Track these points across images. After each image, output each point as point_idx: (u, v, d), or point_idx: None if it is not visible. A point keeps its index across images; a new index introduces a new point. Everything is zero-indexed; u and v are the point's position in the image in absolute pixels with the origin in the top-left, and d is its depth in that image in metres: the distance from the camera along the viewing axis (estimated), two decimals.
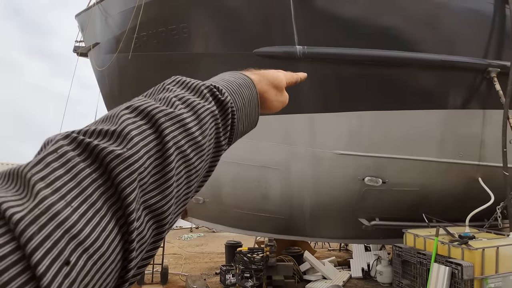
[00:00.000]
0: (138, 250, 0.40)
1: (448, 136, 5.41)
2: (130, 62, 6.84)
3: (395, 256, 4.98)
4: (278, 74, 0.82)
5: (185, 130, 0.48)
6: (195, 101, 0.53)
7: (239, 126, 0.64)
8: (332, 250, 11.71)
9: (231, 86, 0.64)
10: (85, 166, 0.37)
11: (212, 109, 0.55)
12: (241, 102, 0.64)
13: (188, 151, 0.48)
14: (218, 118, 0.56)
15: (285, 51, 5.09)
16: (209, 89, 0.57)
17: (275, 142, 5.57)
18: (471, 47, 5.41)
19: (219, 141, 0.57)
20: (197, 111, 0.52)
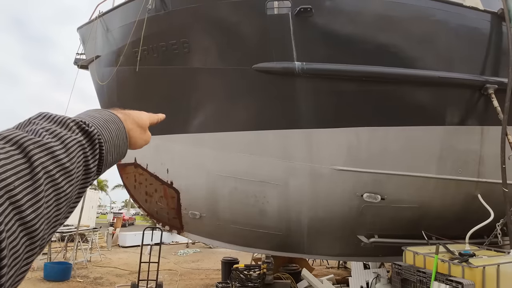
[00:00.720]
0: (12, 264, 0.42)
1: (446, 152, 5.40)
2: (130, 75, 6.87)
3: (395, 274, 4.88)
4: (142, 115, 0.89)
5: (53, 156, 0.51)
6: (61, 132, 0.56)
7: (107, 157, 0.67)
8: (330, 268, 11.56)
9: (97, 121, 0.67)
10: None
11: (79, 139, 0.58)
12: (108, 135, 0.68)
13: (56, 176, 0.51)
14: (85, 148, 0.59)
15: (283, 66, 5.12)
16: (75, 123, 0.60)
17: (273, 157, 5.55)
18: (468, 64, 5.45)
19: (88, 168, 0.60)
20: (64, 140, 0.55)
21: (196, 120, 6.05)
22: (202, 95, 5.83)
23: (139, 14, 6.11)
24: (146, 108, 4.67)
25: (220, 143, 5.80)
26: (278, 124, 5.37)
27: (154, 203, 7.12)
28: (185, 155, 6.25)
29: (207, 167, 6.02)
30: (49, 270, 9.60)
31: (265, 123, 5.46)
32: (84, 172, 0.59)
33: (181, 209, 6.76)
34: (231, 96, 5.59)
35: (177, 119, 6.21)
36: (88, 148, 0.60)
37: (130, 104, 4.83)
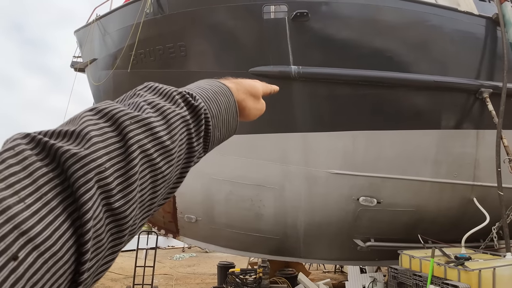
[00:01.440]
0: (94, 253, 0.38)
1: (442, 156, 5.42)
2: (126, 78, 6.86)
3: (391, 278, 4.88)
4: (255, 83, 0.81)
5: (152, 134, 0.47)
6: (165, 106, 0.52)
7: (215, 133, 0.63)
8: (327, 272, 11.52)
9: (206, 93, 0.63)
10: (42, 165, 0.36)
11: (183, 114, 0.54)
12: (217, 109, 0.63)
13: (154, 155, 0.46)
14: (190, 124, 0.55)
15: (280, 70, 5.13)
16: (181, 95, 0.56)
17: (270, 161, 5.54)
18: (463, 68, 5.49)
19: (191, 146, 0.55)
20: (167, 115, 0.51)
21: None
22: None
23: (136, 18, 6.11)
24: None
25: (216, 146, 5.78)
26: (274, 127, 5.38)
27: None
28: None
29: (203, 171, 6.00)
30: None
31: (261, 127, 5.46)
32: (187, 151, 0.54)
33: (176, 213, 6.72)
34: None
35: None
36: (193, 124, 0.56)
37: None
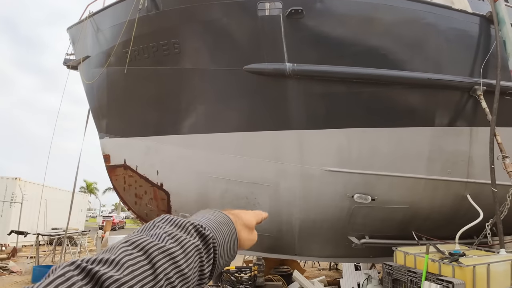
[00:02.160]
0: None
1: (436, 153, 5.44)
2: (119, 76, 6.80)
3: (385, 275, 4.89)
4: (248, 215, 0.90)
5: (174, 262, 0.55)
6: (181, 237, 0.60)
7: (220, 261, 0.70)
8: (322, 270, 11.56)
9: (212, 224, 0.71)
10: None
11: (197, 243, 0.62)
12: (222, 238, 0.71)
13: (175, 282, 0.54)
14: (202, 252, 0.63)
15: (275, 68, 5.11)
16: (194, 226, 0.65)
17: (264, 158, 5.53)
18: (457, 66, 5.51)
19: (203, 272, 0.63)
20: (184, 245, 0.59)
21: (186, 121, 6.01)
22: (193, 96, 5.79)
23: (129, 14, 6.06)
24: (136, 110, 4.68)
25: (211, 145, 5.76)
26: (269, 125, 5.36)
27: (144, 205, 7.04)
28: (175, 156, 6.20)
29: (197, 169, 5.97)
30: (37, 274, 9.46)
31: (256, 124, 5.44)
32: (198, 276, 0.62)
33: (171, 211, 6.69)
34: (222, 97, 5.57)
35: (168, 120, 6.16)
36: (204, 252, 0.63)
37: (120, 105, 4.78)
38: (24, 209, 15.43)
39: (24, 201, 15.64)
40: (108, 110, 7.35)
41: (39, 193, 15.62)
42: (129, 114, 6.86)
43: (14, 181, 15.77)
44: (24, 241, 14.89)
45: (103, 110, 7.51)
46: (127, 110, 6.88)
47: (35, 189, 16.58)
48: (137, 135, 6.70)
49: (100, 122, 7.75)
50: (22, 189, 15.83)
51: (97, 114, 7.83)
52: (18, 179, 16.01)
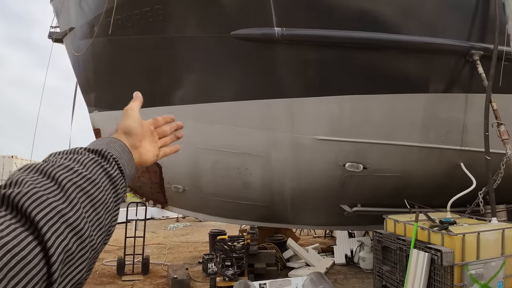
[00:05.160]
0: (63, 262, 0.50)
1: (430, 120, 5.32)
2: (105, 47, 6.57)
3: (376, 242, 4.91)
4: (128, 123, 0.89)
5: (74, 171, 0.59)
6: (77, 156, 0.64)
7: (126, 171, 0.74)
8: (317, 237, 11.73)
9: (103, 145, 0.75)
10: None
11: (93, 157, 0.66)
12: (115, 150, 0.74)
13: (84, 185, 0.58)
14: (102, 162, 0.67)
15: (263, 33, 4.89)
16: (85, 149, 0.69)
17: (255, 128, 5.42)
18: (453, 29, 5.29)
19: (112, 178, 0.67)
20: (80, 160, 0.63)
21: (174, 92, 5.85)
22: (180, 65, 5.59)
23: None
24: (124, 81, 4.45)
25: (200, 115, 5.63)
26: (259, 93, 5.21)
27: (137, 178, 7.00)
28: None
29: (188, 140, 5.86)
30: None
31: (245, 93, 5.29)
32: (110, 183, 0.66)
33: (164, 183, 6.66)
34: (210, 65, 5.38)
35: (156, 91, 6.00)
36: (107, 164, 0.67)
37: (107, 78, 4.60)
38: None
39: None
40: (95, 83, 7.16)
41: None
42: (117, 86, 6.68)
43: (10, 159, 15.78)
44: None
45: (91, 83, 7.32)
46: (114, 82, 6.69)
47: None
48: None
49: (88, 95, 7.58)
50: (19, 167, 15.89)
51: (85, 87, 7.64)
52: (15, 157, 16.01)
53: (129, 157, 0.79)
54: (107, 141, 0.78)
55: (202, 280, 7.08)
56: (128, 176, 0.76)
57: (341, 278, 7.22)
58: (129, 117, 0.89)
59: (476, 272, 3.65)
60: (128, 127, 0.87)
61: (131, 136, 0.86)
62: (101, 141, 0.77)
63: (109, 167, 0.67)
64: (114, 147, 0.76)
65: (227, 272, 6.32)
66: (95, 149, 0.68)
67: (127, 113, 0.91)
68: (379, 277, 4.86)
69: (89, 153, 0.66)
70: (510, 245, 3.87)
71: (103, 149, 0.70)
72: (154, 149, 0.94)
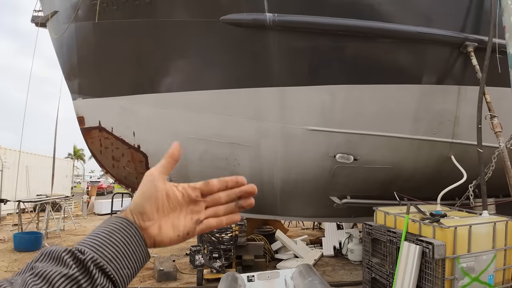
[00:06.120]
0: None
1: (421, 112, 5.25)
2: (89, 32, 6.32)
3: (365, 234, 4.85)
4: (136, 196, 0.73)
5: None
6: (50, 272, 0.57)
7: (121, 273, 0.64)
8: (305, 229, 11.72)
9: (97, 239, 0.64)
10: None
11: (70, 273, 0.58)
12: (113, 250, 0.64)
13: None
14: (79, 280, 0.58)
15: (254, 18, 4.72)
16: (71, 253, 0.60)
17: (244, 117, 5.27)
18: (448, 20, 5.20)
19: None
20: (52, 281, 0.56)
21: (161, 79, 5.65)
22: (167, 51, 5.39)
23: None
24: (108, 68, 4.22)
25: (188, 103, 5.46)
26: (249, 82, 5.05)
27: (122, 168, 6.80)
28: (151, 117, 5.89)
29: (175, 129, 5.70)
30: (18, 240, 9.36)
31: (235, 81, 5.12)
32: None
33: None
34: (199, 52, 5.19)
35: (142, 78, 5.80)
36: (84, 278, 0.59)
37: (91, 64, 4.37)
38: (7, 176, 15.09)
39: (6, 168, 15.30)
40: (79, 69, 6.90)
41: (22, 160, 15.40)
42: (101, 73, 6.44)
43: None
44: (9, 209, 14.74)
45: (74, 70, 7.05)
46: (99, 69, 6.45)
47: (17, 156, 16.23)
48: (111, 95, 6.33)
49: (72, 82, 7.31)
50: (3, 157, 15.47)
51: (68, 74, 7.37)
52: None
53: (135, 248, 0.66)
54: (110, 229, 0.66)
55: (189, 272, 6.97)
56: (127, 276, 0.65)
57: (329, 269, 7.20)
58: (140, 188, 0.72)
59: (467, 265, 3.60)
60: (135, 202, 0.71)
61: (140, 214, 0.70)
62: (102, 231, 0.66)
63: (87, 285, 0.58)
64: (113, 241, 0.64)
65: (215, 264, 6.21)
66: (80, 257, 0.59)
67: (143, 180, 0.73)
68: (368, 269, 4.81)
69: (71, 265, 0.58)
70: (501, 238, 3.83)
71: (88, 256, 0.60)
72: (186, 223, 0.74)
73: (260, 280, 4.56)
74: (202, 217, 0.75)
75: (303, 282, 4.23)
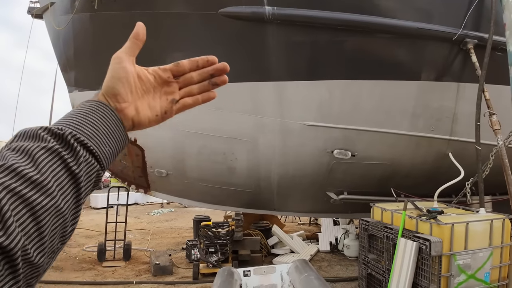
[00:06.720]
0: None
1: (420, 109, 5.23)
2: (86, 24, 6.24)
3: (362, 230, 4.84)
4: (106, 79, 0.71)
5: (16, 174, 0.50)
6: (28, 146, 0.55)
7: (103, 149, 0.62)
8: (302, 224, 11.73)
9: (75, 119, 0.62)
10: None
11: (50, 145, 0.56)
12: (92, 128, 0.62)
13: (24, 191, 0.49)
14: (61, 152, 0.56)
15: (253, 11, 4.67)
16: (47, 130, 0.58)
17: (242, 112, 5.23)
18: (448, 17, 5.17)
19: (71, 170, 0.56)
20: (31, 153, 0.54)
21: None
22: (166, 43, 5.33)
23: None
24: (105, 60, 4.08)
25: None
26: (247, 76, 5.01)
27: (118, 162, 6.76)
28: None
29: (172, 123, 5.64)
30: None
31: (232, 75, 5.05)
32: (68, 175, 0.56)
33: (146, 168, 6.44)
34: (197, 44, 5.13)
35: None
36: (66, 151, 0.57)
37: (88, 56, 4.30)
38: None
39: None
40: (76, 61, 6.83)
41: None
42: (98, 65, 6.37)
43: None
44: None
45: (71, 62, 6.98)
46: (96, 61, 6.38)
47: None
48: None
49: (68, 74, 7.24)
50: None
51: (65, 66, 7.30)
52: None
53: (113, 127, 0.65)
54: (85, 111, 0.64)
55: (185, 266, 6.96)
56: (109, 154, 0.64)
57: (325, 265, 7.20)
58: (109, 71, 0.71)
59: (463, 263, 3.60)
60: (106, 85, 0.70)
61: (113, 97, 0.69)
62: (77, 113, 0.64)
63: (70, 157, 0.56)
64: (90, 120, 0.62)
65: (211, 258, 6.20)
66: (58, 132, 0.57)
67: (111, 64, 0.72)
68: (364, 265, 4.81)
69: (49, 139, 0.56)
70: (498, 236, 3.83)
71: (67, 131, 0.58)
72: (162, 103, 0.75)
73: (256, 275, 4.55)
74: (177, 97, 0.76)
75: (299, 277, 4.22)
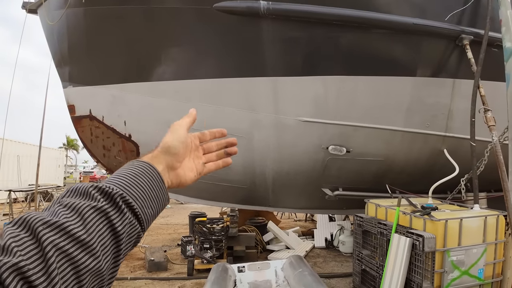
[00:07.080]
0: None
1: (415, 105, 5.21)
2: (81, 19, 6.17)
3: (356, 226, 4.84)
4: (170, 140, 0.82)
5: (65, 232, 0.52)
6: (79, 204, 0.57)
7: (145, 211, 0.67)
8: (298, 221, 11.74)
9: (124, 180, 0.67)
10: None
11: (100, 205, 0.59)
12: (139, 191, 0.67)
13: (71, 250, 0.52)
14: (109, 212, 0.59)
15: (248, 6, 4.62)
16: (98, 188, 0.62)
17: (237, 107, 5.20)
18: (444, 12, 5.14)
19: (116, 231, 0.59)
20: (81, 212, 0.56)
21: (152, 68, 5.54)
22: (159, 39, 5.28)
23: None
24: (99, 55, 4.08)
25: (179, 93, 5.37)
26: (242, 71, 4.97)
27: (113, 158, 6.71)
28: (143, 106, 5.79)
29: (166, 119, 5.61)
30: None
31: (228, 70, 5.04)
32: (112, 236, 0.59)
33: None
34: (191, 40, 5.08)
35: (132, 66, 5.69)
36: (113, 211, 0.60)
37: (82, 51, 4.25)
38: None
39: None
40: (70, 56, 6.76)
41: (14, 150, 15.88)
42: (92, 60, 6.32)
43: None
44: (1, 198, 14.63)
45: (65, 57, 6.91)
46: (90, 56, 6.32)
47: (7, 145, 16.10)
48: (102, 83, 6.21)
49: (62, 70, 7.17)
50: None
51: (59, 61, 7.22)
52: None
53: (157, 190, 0.72)
54: (135, 172, 0.70)
55: (180, 262, 6.95)
56: (150, 216, 0.69)
57: (320, 261, 7.21)
58: (174, 134, 0.83)
59: (457, 259, 3.60)
60: (168, 145, 0.80)
61: (171, 156, 0.79)
62: (127, 173, 0.70)
63: (116, 217, 0.60)
64: (138, 182, 0.68)
65: (206, 254, 6.19)
66: (109, 192, 0.62)
67: (173, 129, 0.84)
68: (358, 261, 4.82)
69: (99, 199, 0.60)
70: (492, 232, 3.83)
71: (117, 192, 0.62)
72: (197, 166, 0.88)
73: (251, 271, 4.54)
74: (204, 160, 0.91)
75: (293, 273, 4.22)
